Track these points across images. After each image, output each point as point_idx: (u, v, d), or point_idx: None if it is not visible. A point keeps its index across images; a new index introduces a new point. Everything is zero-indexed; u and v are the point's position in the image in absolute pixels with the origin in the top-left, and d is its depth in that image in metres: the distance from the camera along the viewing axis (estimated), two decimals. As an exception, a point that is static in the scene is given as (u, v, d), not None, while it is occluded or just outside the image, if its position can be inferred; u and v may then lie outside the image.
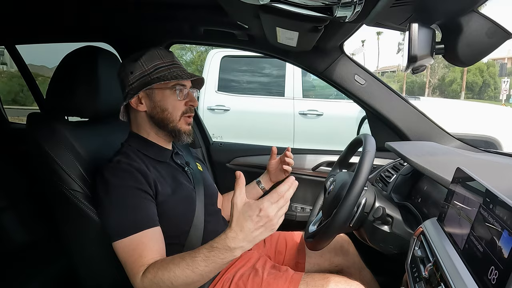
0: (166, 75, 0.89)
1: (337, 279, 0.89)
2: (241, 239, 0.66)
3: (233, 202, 0.67)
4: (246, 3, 0.74)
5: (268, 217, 0.64)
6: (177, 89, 0.91)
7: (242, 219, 0.65)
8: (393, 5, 0.69)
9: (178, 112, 0.92)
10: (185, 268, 0.70)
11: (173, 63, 0.92)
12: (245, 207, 0.66)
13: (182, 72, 0.91)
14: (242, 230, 0.65)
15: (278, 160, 1.17)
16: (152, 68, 0.89)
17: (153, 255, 0.78)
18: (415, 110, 1.34)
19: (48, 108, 0.98)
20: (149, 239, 0.79)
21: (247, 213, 0.65)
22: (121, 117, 0.94)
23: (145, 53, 0.91)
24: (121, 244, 0.78)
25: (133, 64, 0.90)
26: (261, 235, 0.66)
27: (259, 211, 0.64)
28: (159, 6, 1.17)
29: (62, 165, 0.87)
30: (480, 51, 0.73)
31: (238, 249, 0.67)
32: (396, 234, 0.88)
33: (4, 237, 1.47)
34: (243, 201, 0.67)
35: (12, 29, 1.47)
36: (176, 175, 0.96)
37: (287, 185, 0.66)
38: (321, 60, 1.35)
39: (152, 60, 0.90)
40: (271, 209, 0.64)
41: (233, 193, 0.68)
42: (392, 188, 1.12)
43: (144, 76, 0.89)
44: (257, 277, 0.92)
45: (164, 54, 0.92)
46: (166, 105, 0.91)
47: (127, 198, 0.81)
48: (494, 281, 0.45)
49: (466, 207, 0.59)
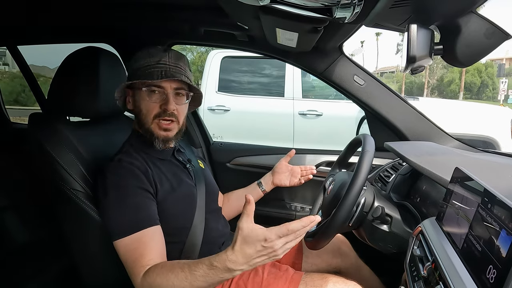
0: (144, 75, 0.87)
1: (335, 279, 0.90)
2: (241, 263, 0.65)
3: (239, 225, 0.64)
4: (246, 4, 0.75)
5: (273, 248, 0.63)
6: (146, 90, 0.87)
7: (245, 244, 0.63)
8: (392, 6, 0.70)
9: (150, 115, 0.89)
10: (183, 280, 0.70)
11: (157, 63, 0.87)
12: (251, 233, 0.62)
13: (159, 72, 0.86)
14: (244, 256, 0.64)
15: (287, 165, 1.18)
16: (136, 68, 0.89)
17: (153, 255, 0.78)
18: (414, 110, 1.34)
19: (50, 108, 0.98)
20: (150, 238, 0.79)
21: (252, 239, 0.62)
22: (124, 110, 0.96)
23: (139, 51, 0.91)
24: (122, 243, 0.79)
25: (129, 64, 0.92)
26: (262, 262, 0.65)
27: (265, 241, 0.62)
28: (159, 7, 1.17)
29: (64, 164, 0.87)
30: (479, 51, 0.74)
31: (237, 271, 0.66)
32: (395, 234, 0.89)
33: (6, 237, 1.47)
34: (250, 227, 0.63)
35: (14, 30, 1.48)
36: (177, 172, 0.96)
37: (301, 224, 0.62)
38: (320, 60, 1.36)
39: (139, 60, 0.89)
40: (278, 242, 0.62)
41: (241, 217, 0.65)
42: (391, 187, 1.12)
43: (130, 75, 0.90)
44: (257, 276, 0.93)
45: (153, 53, 0.88)
46: (140, 106, 0.90)
47: (128, 197, 0.81)
48: (492, 280, 0.45)
49: (464, 206, 0.59)
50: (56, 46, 1.75)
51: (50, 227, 1.51)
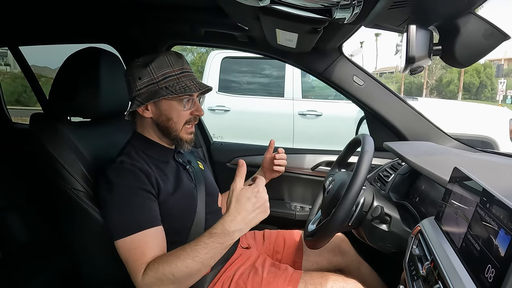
0: (175, 85, 0.87)
1: (334, 277, 0.90)
2: (239, 221, 0.71)
3: (233, 187, 0.72)
4: (246, 5, 0.75)
5: (264, 198, 0.73)
6: (185, 99, 0.89)
7: (238, 203, 0.71)
8: (391, 7, 0.71)
9: (182, 122, 0.91)
10: (185, 258, 0.72)
11: (182, 71, 0.89)
12: (243, 191, 0.72)
13: (191, 82, 0.89)
14: (240, 213, 0.71)
15: (273, 157, 1.17)
16: (161, 77, 0.87)
17: (155, 254, 0.78)
18: (413, 110, 1.35)
19: (51, 108, 0.98)
20: (151, 238, 0.80)
21: (246, 195, 0.71)
22: (126, 117, 0.94)
23: (155, 59, 0.87)
24: (123, 243, 0.79)
25: (142, 70, 0.88)
26: (256, 217, 0.72)
27: (257, 192, 0.72)
28: (160, 8, 1.18)
29: (65, 164, 0.88)
30: (477, 52, 0.74)
31: (236, 231, 0.71)
32: (394, 233, 0.89)
33: (8, 236, 1.47)
34: (241, 187, 0.73)
35: (15, 30, 1.48)
36: (178, 174, 0.96)
37: None
38: (320, 61, 1.36)
39: (162, 68, 0.88)
40: (266, 193, 0.73)
41: (234, 179, 0.72)
42: (390, 187, 1.13)
43: (152, 84, 0.88)
44: (257, 275, 0.93)
45: (174, 61, 0.89)
46: (171, 115, 0.90)
47: (130, 197, 0.82)
48: (491, 279, 0.45)
49: (463, 206, 0.59)
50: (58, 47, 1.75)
51: (51, 227, 1.51)
